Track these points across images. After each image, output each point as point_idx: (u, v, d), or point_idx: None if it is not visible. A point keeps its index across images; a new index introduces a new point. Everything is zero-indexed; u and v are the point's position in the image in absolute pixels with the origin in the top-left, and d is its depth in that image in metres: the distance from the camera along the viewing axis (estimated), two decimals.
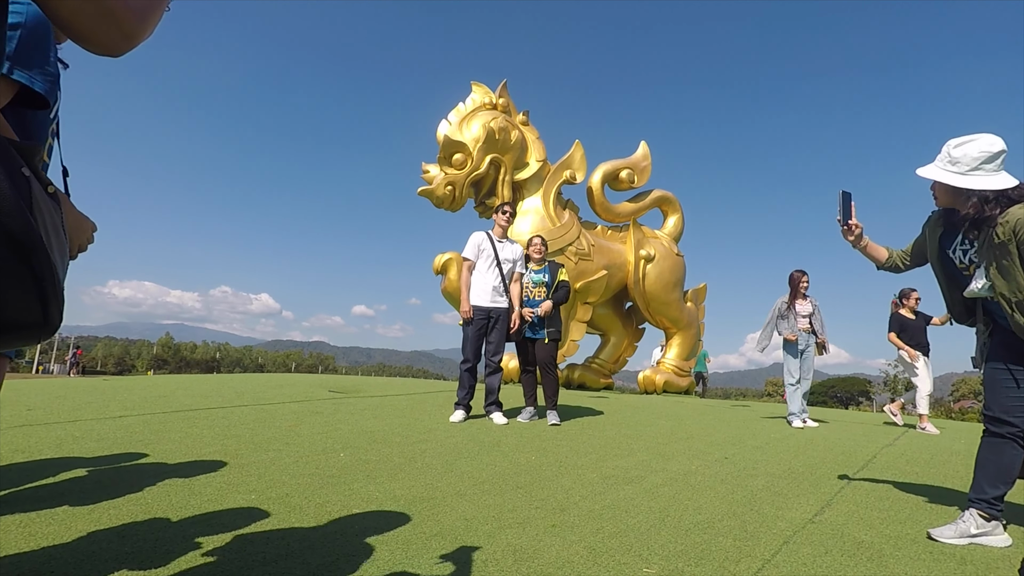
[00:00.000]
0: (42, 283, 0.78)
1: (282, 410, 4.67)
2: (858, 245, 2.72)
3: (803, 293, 6.20)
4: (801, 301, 6.16)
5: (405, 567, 1.74)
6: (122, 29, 0.82)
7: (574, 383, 10.04)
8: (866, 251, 2.75)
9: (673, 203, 10.65)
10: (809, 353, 6.14)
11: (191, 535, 1.89)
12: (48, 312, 0.80)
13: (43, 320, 0.80)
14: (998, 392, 2.33)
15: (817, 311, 6.17)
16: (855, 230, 2.67)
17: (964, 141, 2.25)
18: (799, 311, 6.12)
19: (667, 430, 4.81)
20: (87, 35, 0.81)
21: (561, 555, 1.91)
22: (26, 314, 0.78)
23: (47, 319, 0.80)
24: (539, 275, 4.98)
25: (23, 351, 1.58)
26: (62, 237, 0.88)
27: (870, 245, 2.74)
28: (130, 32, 0.83)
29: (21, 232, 0.74)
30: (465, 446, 3.61)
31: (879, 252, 2.75)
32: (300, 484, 2.58)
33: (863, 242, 2.72)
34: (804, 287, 6.21)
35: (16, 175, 0.78)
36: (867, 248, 2.74)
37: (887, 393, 28.56)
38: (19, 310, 0.77)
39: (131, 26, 0.83)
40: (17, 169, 0.79)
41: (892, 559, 2.05)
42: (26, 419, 3.79)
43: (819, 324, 6.15)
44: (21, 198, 0.76)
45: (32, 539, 1.78)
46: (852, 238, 2.69)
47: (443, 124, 8.45)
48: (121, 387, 5.99)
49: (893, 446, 4.77)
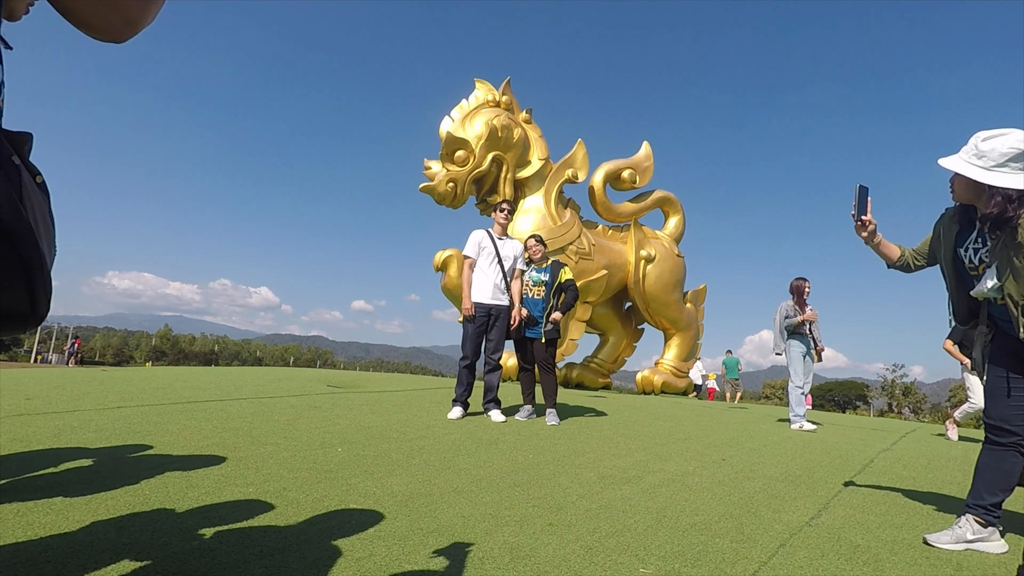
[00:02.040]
0: (31, 272, 0.77)
1: (280, 404, 4.67)
2: (871, 242, 2.64)
3: (804, 300, 6.33)
4: (808, 306, 6.31)
5: (402, 563, 1.74)
6: (124, 15, 0.82)
7: (572, 382, 10.05)
8: (878, 248, 2.67)
9: (674, 204, 10.65)
10: (809, 357, 6.29)
11: (189, 527, 1.89)
12: (36, 302, 0.80)
13: (30, 309, 0.79)
14: (998, 400, 2.31)
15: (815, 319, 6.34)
16: (868, 226, 2.60)
17: (993, 135, 2.15)
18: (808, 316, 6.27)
19: (665, 431, 4.82)
20: (90, 21, 0.82)
21: (558, 554, 1.91)
22: (14, 303, 0.78)
23: (35, 309, 0.80)
24: (540, 274, 4.97)
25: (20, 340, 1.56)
26: (50, 226, 0.88)
27: (883, 242, 2.66)
28: (132, 18, 0.83)
29: (11, 221, 0.74)
30: (463, 443, 3.61)
31: (891, 250, 2.68)
32: (298, 478, 2.58)
33: (876, 239, 2.64)
34: (806, 293, 6.34)
35: (6, 164, 0.77)
36: (880, 245, 2.66)
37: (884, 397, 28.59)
38: (7, 299, 0.77)
39: (133, 12, 0.83)
40: (7, 158, 0.78)
41: (888, 563, 2.05)
42: (25, 408, 3.79)
43: (818, 332, 6.34)
44: (11, 187, 0.76)
45: (30, 529, 1.78)
46: (865, 234, 2.62)
47: (446, 121, 8.44)
48: (120, 378, 5.99)
49: (890, 451, 4.77)
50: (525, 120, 9.01)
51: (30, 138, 0.87)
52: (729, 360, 15.53)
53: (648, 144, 10.19)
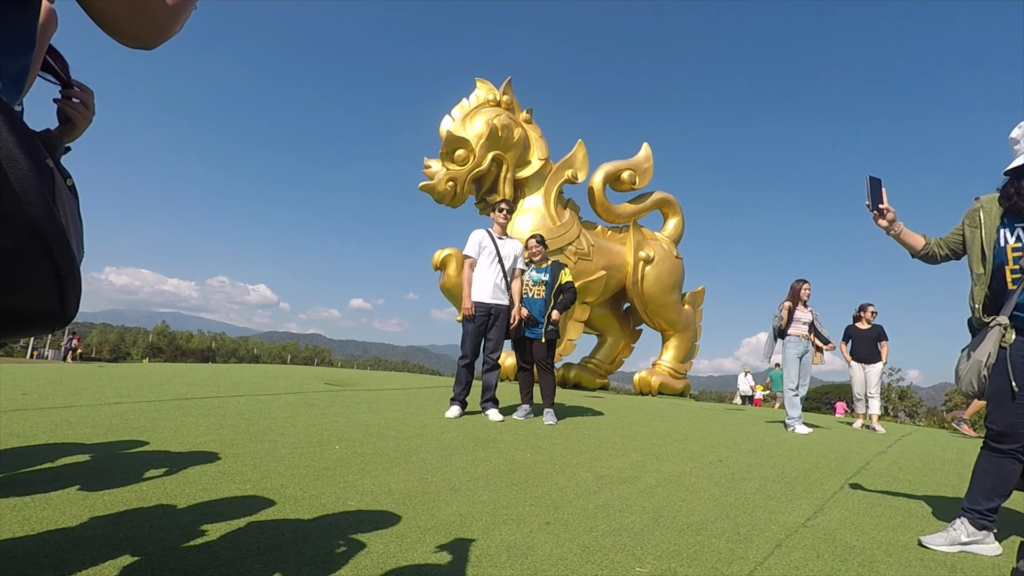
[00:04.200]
0: (61, 273, 0.78)
1: (278, 401, 4.67)
2: (891, 231, 2.57)
3: (804, 301, 6.33)
4: (802, 309, 6.30)
5: (399, 560, 1.74)
6: (155, 22, 0.85)
7: (570, 382, 10.05)
8: (900, 238, 2.60)
9: (674, 205, 10.65)
10: (807, 359, 6.29)
11: (186, 523, 1.89)
12: (66, 301, 0.80)
13: (60, 310, 0.80)
14: (1004, 407, 2.28)
15: (817, 319, 6.36)
16: (887, 214, 2.54)
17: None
18: (799, 318, 6.27)
19: (662, 431, 4.82)
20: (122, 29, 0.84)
21: (555, 552, 1.92)
22: (45, 303, 0.79)
23: (64, 309, 0.81)
24: (540, 274, 4.97)
25: None
26: (79, 228, 0.89)
27: (904, 231, 2.59)
28: (163, 26, 0.86)
29: (45, 222, 0.75)
30: (460, 442, 3.61)
31: (915, 239, 2.59)
32: (295, 476, 2.58)
33: (896, 228, 2.57)
34: (806, 295, 6.34)
35: (41, 166, 0.78)
36: (901, 235, 2.59)
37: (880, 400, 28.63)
38: (38, 299, 0.78)
39: (164, 20, 0.86)
40: (42, 160, 0.79)
41: (883, 565, 2.06)
42: (21, 403, 3.78)
43: (824, 330, 6.37)
44: (46, 189, 0.77)
45: (27, 523, 1.78)
46: (885, 223, 2.55)
47: (446, 120, 8.43)
48: (116, 374, 5.98)
49: (886, 453, 4.79)
50: (525, 120, 9.01)
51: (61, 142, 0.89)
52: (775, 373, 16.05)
53: (648, 146, 10.20)
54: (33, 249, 0.74)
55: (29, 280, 0.76)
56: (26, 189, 0.73)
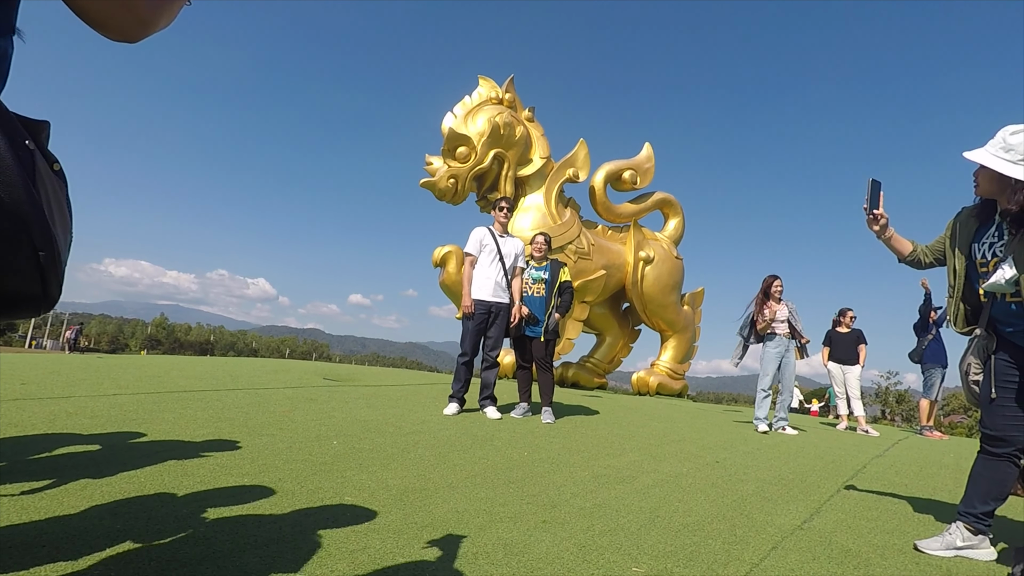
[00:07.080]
0: (40, 254, 0.78)
1: (276, 396, 4.67)
2: (882, 236, 2.62)
3: (777, 297, 6.06)
4: (775, 305, 6.03)
5: (396, 556, 1.74)
6: (137, 15, 0.83)
7: (568, 381, 10.06)
8: (890, 243, 2.65)
9: (674, 206, 10.65)
10: (789, 359, 6.05)
11: (183, 516, 1.89)
12: (47, 285, 0.80)
13: (42, 293, 0.80)
14: (996, 410, 2.30)
15: (794, 313, 6.07)
16: (880, 220, 2.58)
17: (1022, 129, 2.12)
18: (777, 316, 6.02)
19: (659, 432, 4.83)
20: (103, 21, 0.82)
21: (551, 551, 1.92)
22: (26, 285, 0.78)
23: (46, 292, 0.80)
24: (539, 272, 4.97)
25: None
26: (66, 213, 0.88)
27: (894, 237, 2.64)
28: (145, 19, 0.84)
29: (22, 202, 0.74)
30: (458, 439, 3.62)
31: (903, 245, 2.65)
32: (293, 470, 2.58)
33: (887, 233, 2.62)
34: (777, 291, 6.05)
35: (19, 146, 0.77)
36: (891, 240, 2.64)
37: (878, 404, 28.65)
38: (19, 281, 0.77)
39: (146, 13, 0.84)
40: (20, 141, 0.79)
41: (879, 568, 2.07)
42: (20, 393, 3.78)
43: (798, 324, 6.06)
44: (24, 170, 0.76)
45: (25, 513, 1.78)
46: (877, 228, 2.60)
47: (448, 117, 8.42)
48: (115, 365, 5.98)
49: (883, 457, 4.80)
50: (527, 118, 9.00)
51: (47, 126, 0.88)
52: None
53: (650, 145, 10.19)
54: (11, 231, 0.74)
55: (9, 263, 0.75)
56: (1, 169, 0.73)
